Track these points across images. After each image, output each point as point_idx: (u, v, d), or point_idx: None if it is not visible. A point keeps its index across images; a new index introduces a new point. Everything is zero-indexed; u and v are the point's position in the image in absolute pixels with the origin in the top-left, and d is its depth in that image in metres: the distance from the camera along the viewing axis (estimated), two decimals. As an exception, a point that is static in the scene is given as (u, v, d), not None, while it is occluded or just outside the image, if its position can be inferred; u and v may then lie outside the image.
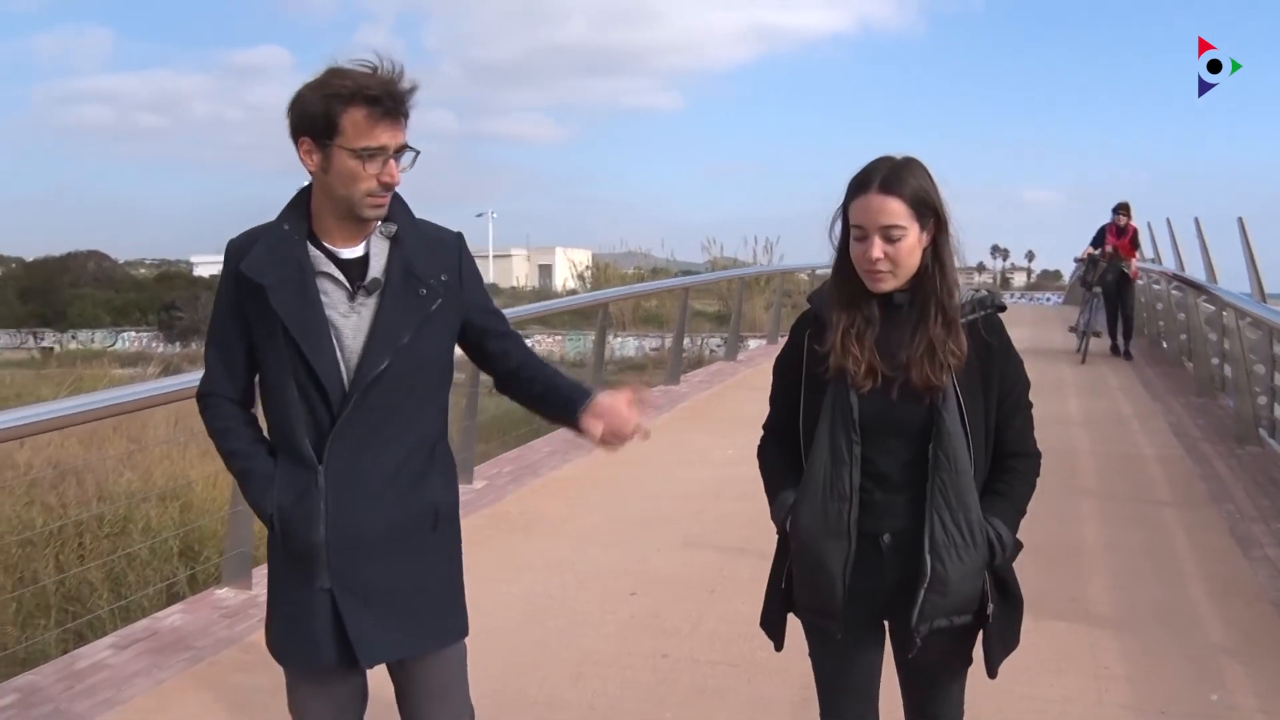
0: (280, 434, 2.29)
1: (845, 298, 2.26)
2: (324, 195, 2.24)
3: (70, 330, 43.52)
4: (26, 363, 35.18)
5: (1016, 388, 2.31)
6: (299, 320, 2.21)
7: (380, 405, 2.23)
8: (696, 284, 16.27)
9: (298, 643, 2.32)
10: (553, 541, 5.78)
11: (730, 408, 9.85)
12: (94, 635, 5.63)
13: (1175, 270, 13.06)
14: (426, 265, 2.28)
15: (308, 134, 2.19)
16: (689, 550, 5.54)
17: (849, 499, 2.23)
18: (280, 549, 2.31)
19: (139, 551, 8.47)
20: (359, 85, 2.15)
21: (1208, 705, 3.78)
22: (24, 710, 3.95)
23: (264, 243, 2.26)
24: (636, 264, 41.48)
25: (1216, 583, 5.01)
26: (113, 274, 52.16)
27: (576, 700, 3.87)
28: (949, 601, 2.23)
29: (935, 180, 2.23)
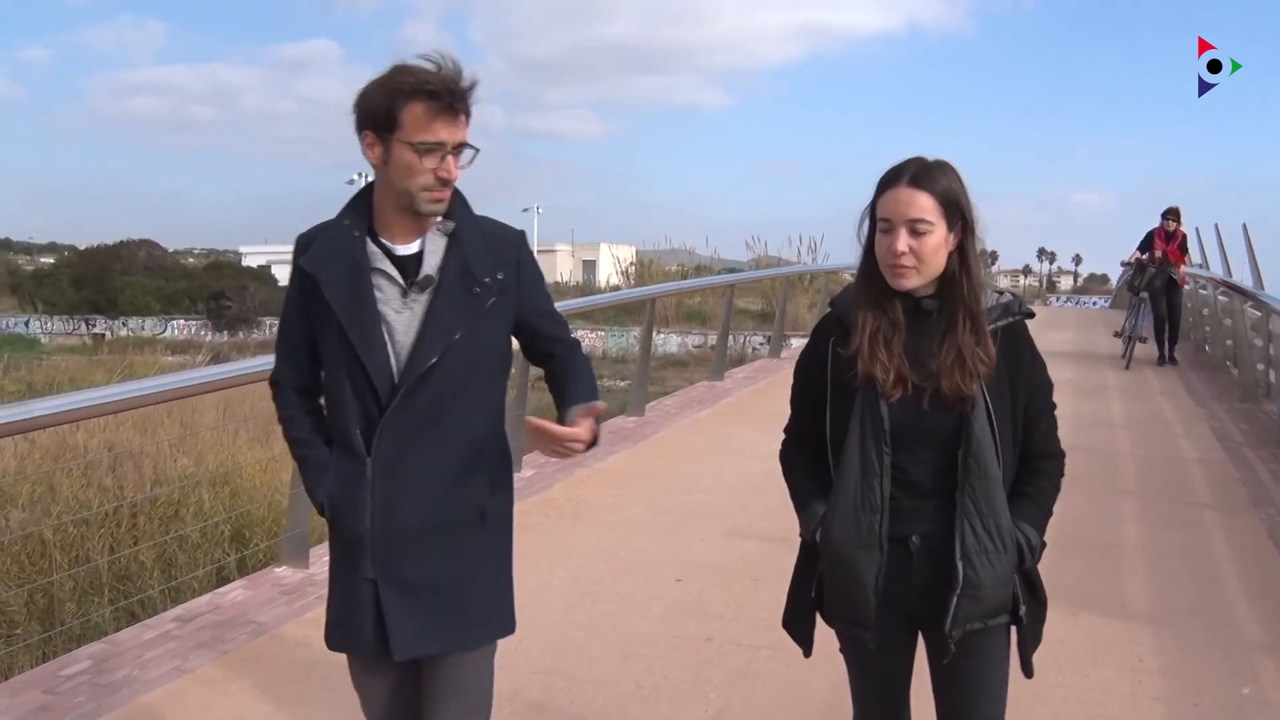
0: (335, 425, 2.35)
1: (871, 299, 2.25)
2: (385, 189, 2.29)
3: (121, 317, 44.12)
4: (79, 349, 35.76)
5: (1042, 391, 2.32)
6: (351, 314, 2.26)
7: (429, 400, 2.26)
8: (741, 281, 16.40)
9: (343, 627, 2.38)
10: (599, 529, 5.93)
11: (774, 404, 9.89)
12: (145, 614, 5.83)
13: (1222, 276, 13.03)
14: (483, 263, 2.31)
15: (371, 127, 2.25)
16: (733, 540, 5.68)
17: (880, 510, 2.23)
18: (333, 535, 2.40)
19: (190, 534, 8.71)
20: (420, 81, 2.21)
21: (1239, 699, 3.88)
22: (96, 676, 4.15)
23: (324, 238, 2.33)
24: (680, 261, 41.56)
25: (1254, 583, 5.09)
26: (163, 263, 52.84)
27: (624, 679, 4.02)
28: (981, 606, 2.24)
29: (965, 184, 2.23)
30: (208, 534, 8.93)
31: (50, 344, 39.50)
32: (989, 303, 2.25)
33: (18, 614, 7.97)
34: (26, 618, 7.77)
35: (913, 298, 2.24)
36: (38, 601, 8.18)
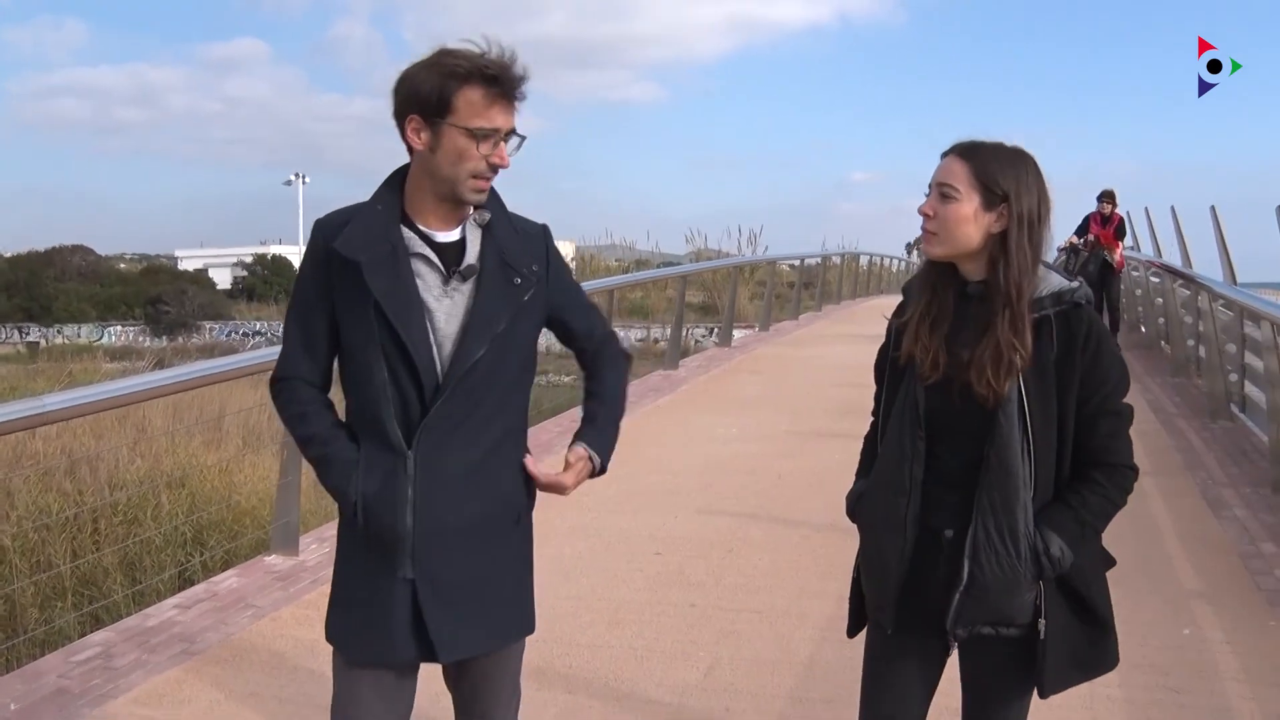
0: (365, 418, 2.24)
1: (930, 282, 2.24)
2: (426, 175, 2.21)
3: (56, 325, 43.45)
4: (12, 357, 35.09)
5: (1103, 389, 2.16)
6: (394, 300, 2.16)
7: (472, 394, 2.20)
8: (696, 271, 16.77)
9: (373, 634, 2.25)
10: (574, 510, 6.17)
11: (728, 390, 10.31)
12: (109, 619, 5.95)
13: (1153, 257, 13.53)
14: (520, 255, 2.26)
15: (418, 111, 2.16)
16: (705, 516, 5.97)
17: (907, 493, 2.20)
18: (358, 536, 2.26)
19: (152, 538, 8.82)
20: (476, 64, 2.14)
21: (1181, 638, 4.25)
22: (106, 661, 4.34)
23: (358, 221, 2.22)
24: (619, 256, 41.70)
25: (1190, 539, 5.49)
26: (97, 268, 52.12)
27: (617, 642, 4.30)
28: (986, 609, 2.17)
29: (1031, 176, 2.17)
30: (169, 537, 9.04)
31: (-19, 353, 38.74)
32: (1042, 291, 2.16)
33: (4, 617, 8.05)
34: None
35: (963, 282, 2.21)
36: None
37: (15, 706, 3.90)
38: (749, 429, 8.36)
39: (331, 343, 2.29)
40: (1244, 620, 4.42)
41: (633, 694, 3.85)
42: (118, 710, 3.86)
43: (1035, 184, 2.16)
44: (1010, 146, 2.19)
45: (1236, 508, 6.08)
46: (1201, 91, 8.66)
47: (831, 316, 18.92)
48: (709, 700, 3.79)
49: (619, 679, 3.97)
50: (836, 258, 22.55)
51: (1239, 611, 4.52)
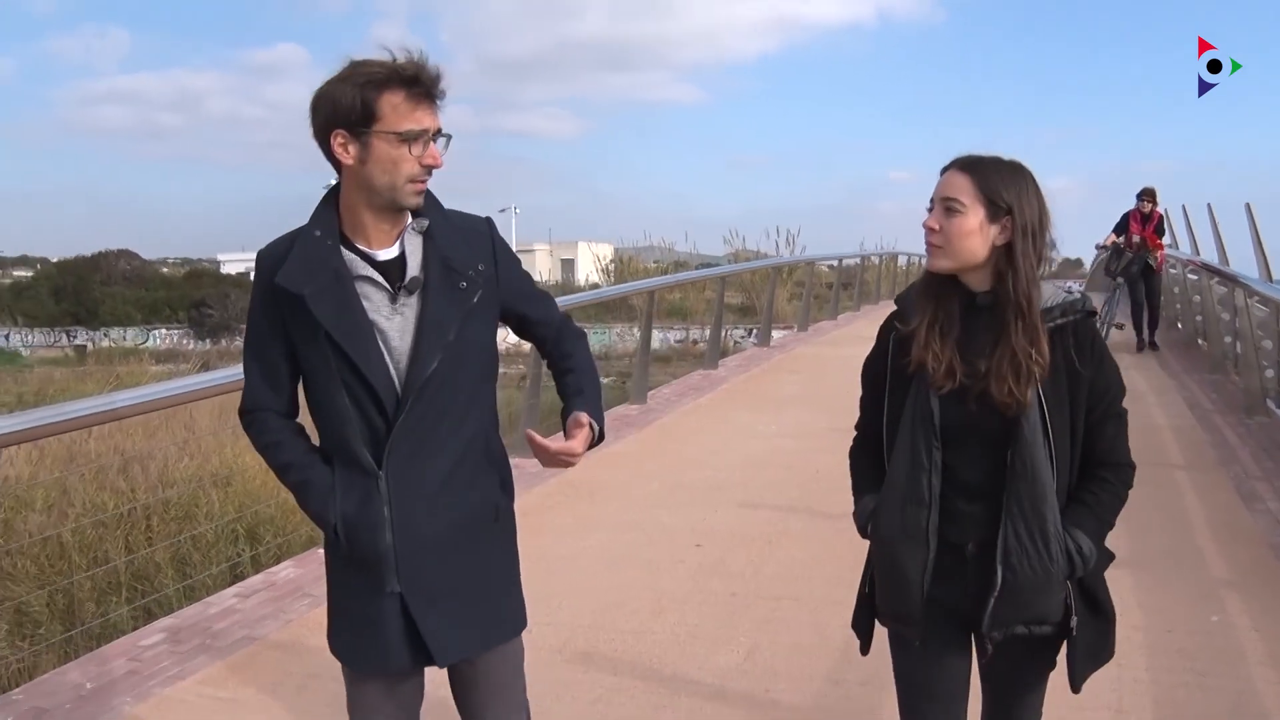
0: (334, 443, 2.25)
1: (932, 292, 2.26)
2: (359, 189, 2.18)
3: (102, 328, 44.02)
4: (60, 360, 35.64)
5: (1108, 395, 2.26)
6: (343, 327, 2.17)
7: (434, 405, 2.21)
8: (735, 273, 16.91)
9: (370, 648, 2.30)
10: (618, 505, 6.37)
11: (767, 389, 10.46)
12: (161, 612, 6.17)
13: (1191, 255, 13.54)
14: (463, 257, 2.25)
15: (343, 125, 2.14)
16: (744, 510, 6.13)
17: (928, 505, 2.22)
18: (342, 556, 2.29)
19: (205, 534, 9.09)
20: (393, 69, 2.12)
21: (1208, 624, 4.37)
22: (174, 644, 4.56)
23: (297, 251, 2.20)
24: (657, 258, 41.81)
25: (1221, 530, 5.59)
26: (142, 272, 52.84)
27: (662, 628, 4.47)
28: (1022, 611, 2.21)
29: (1031, 189, 2.22)
30: (221, 533, 9.32)
31: (31, 357, 39.30)
32: (1049, 302, 2.22)
33: (40, 614, 8.34)
34: (49, 618, 8.14)
35: (969, 293, 2.25)
36: (58, 602, 8.55)
37: (91, 686, 4.13)
38: (788, 426, 8.50)
39: (292, 370, 2.29)
40: (1272, 607, 4.53)
41: (676, 676, 4.02)
42: (186, 691, 4.08)
43: (1035, 196, 2.21)
44: (1009, 160, 2.24)
45: (1269, 500, 6.16)
46: (1201, 91, 8.64)
47: (870, 316, 18.96)
48: (749, 682, 3.95)
49: (663, 662, 4.14)
50: (875, 258, 22.61)
51: (1267, 599, 4.62)
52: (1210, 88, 8.80)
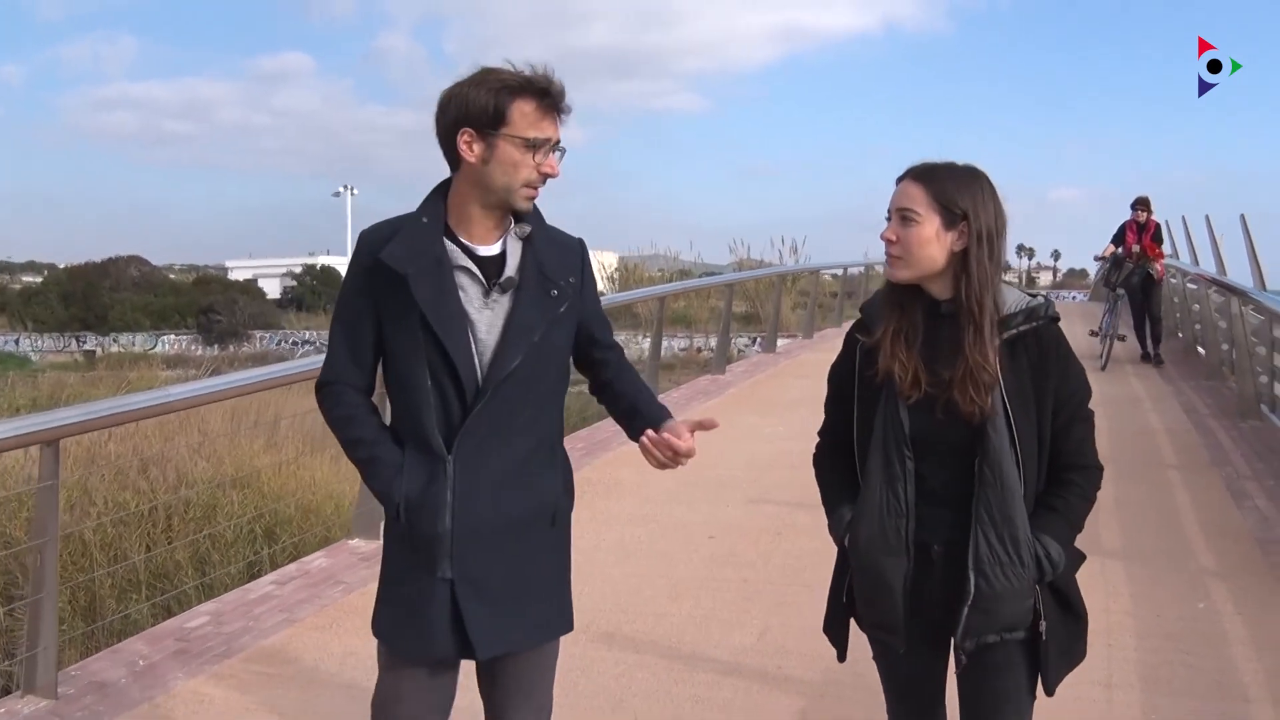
0: (408, 423, 2.31)
1: (895, 300, 2.29)
2: (475, 187, 2.28)
3: (111, 334, 44.22)
4: (70, 365, 35.82)
5: (1074, 399, 2.25)
6: (438, 311, 2.24)
7: (509, 400, 2.28)
8: (742, 280, 17.22)
9: (415, 631, 2.34)
10: (633, 501, 6.64)
11: (774, 393, 10.74)
12: (179, 609, 6.42)
13: (1189, 264, 13.79)
14: (557, 268, 2.35)
15: (472, 125, 2.23)
16: (754, 505, 6.40)
17: (905, 515, 2.25)
18: (401, 537, 2.35)
19: (224, 533, 9.36)
20: (527, 79, 2.24)
21: (1195, 611, 4.64)
22: (218, 627, 4.83)
23: (404, 234, 2.30)
24: (661, 266, 41.95)
25: (1211, 526, 5.86)
26: (151, 278, 53.14)
27: (679, 612, 4.75)
28: (995, 619, 2.22)
29: (986, 194, 2.24)
30: (241, 532, 9.59)
31: (41, 361, 39.47)
32: (1013, 307, 2.24)
33: (63, 611, 8.61)
34: (71, 615, 8.42)
35: (932, 301, 2.26)
36: (80, 599, 8.83)
37: (143, 663, 4.39)
38: (794, 428, 8.74)
39: (376, 349, 2.36)
40: (1255, 596, 4.81)
41: (694, 654, 4.29)
42: (233, 667, 4.34)
43: (991, 201, 2.23)
44: (963, 165, 2.26)
45: (1258, 498, 6.44)
46: (1201, 92, 8.73)
47: (874, 324, 19.23)
48: (763, 660, 4.22)
49: (680, 642, 4.42)
50: (880, 266, 22.85)
51: (1252, 589, 4.90)
52: (1210, 88, 8.91)
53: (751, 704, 3.85)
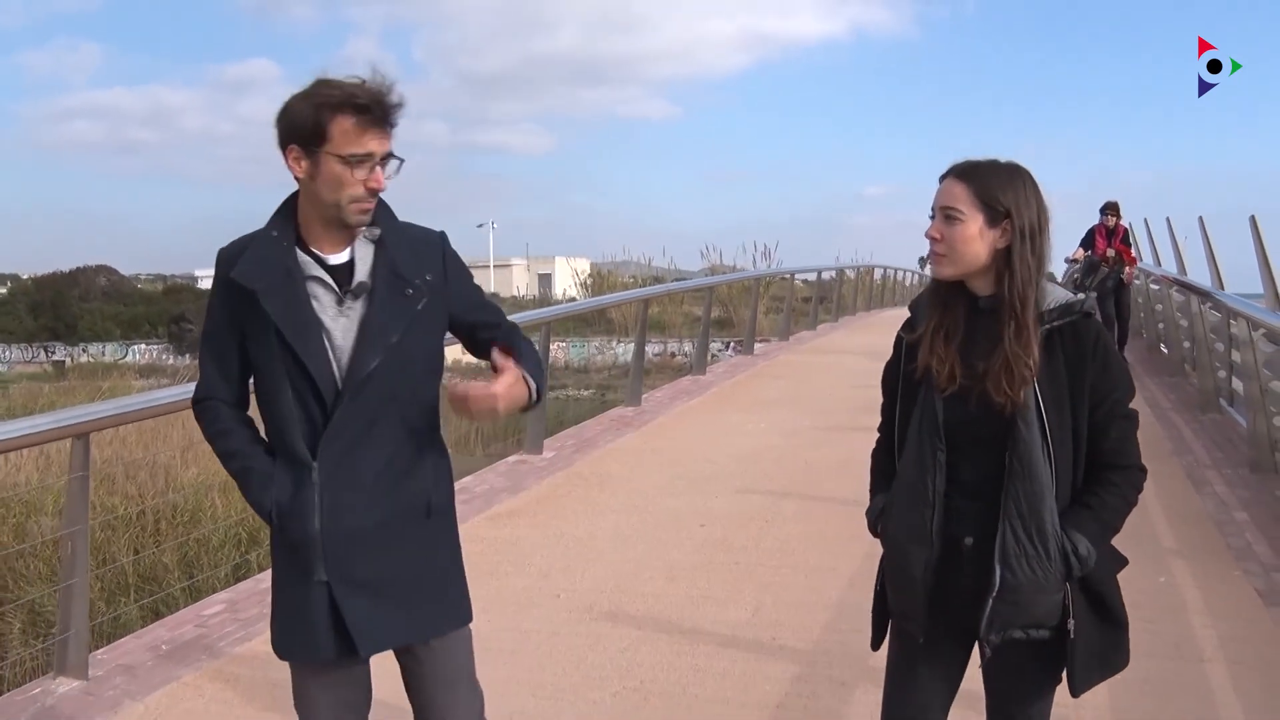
0: (275, 433, 2.35)
1: (940, 298, 2.30)
2: (311, 201, 2.30)
3: (81, 344, 43.94)
4: (40, 376, 35.54)
5: (1112, 396, 2.24)
6: (291, 323, 2.27)
7: (371, 403, 2.30)
8: (721, 283, 17.65)
9: (299, 637, 2.38)
10: (624, 493, 6.93)
11: (754, 392, 11.06)
12: (168, 611, 6.59)
13: (1152, 265, 14.21)
14: (411, 266, 2.35)
15: (296, 141, 2.25)
16: (741, 495, 6.70)
17: (932, 505, 2.25)
18: (280, 546, 2.40)
19: (210, 537, 9.56)
20: (348, 94, 2.22)
21: (1157, 584, 4.99)
22: (234, 613, 5.07)
23: (253, 250, 2.32)
24: (633, 272, 42.15)
25: (1173, 511, 6.21)
26: (120, 288, 52.84)
27: (676, 592, 5.04)
28: (1020, 612, 2.21)
29: (1029, 190, 2.24)
30: (227, 536, 9.79)
31: (10, 372, 39.13)
32: (1051, 303, 2.24)
33: (52, 614, 8.80)
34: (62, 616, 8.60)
35: (974, 297, 2.28)
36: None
37: (166, 647, 4.64)
38: (776, 425, 9.07)
39: (244, 365, 2.40)
40: (1212, 571, 5.16)
41: (693, 629, 4.58)
42: (255, 649, 4.58)
43: (1034, 197, 2.24)
44: (1005, 163, 2.27)
45: (1217, 485, 6.81)
46: (1201, 92, 8.77)
47: (848, 326, 19.62)
48: (757, 632, 4.52)
49: (680, 618, 4.71)
50: (851, 271, 23.26)
51: (1209, 565, 5.26)
52: (1210, 87, 8.92)
53: (749, 671, 4.13)
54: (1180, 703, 3.86)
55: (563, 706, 3.91)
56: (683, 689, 4.03)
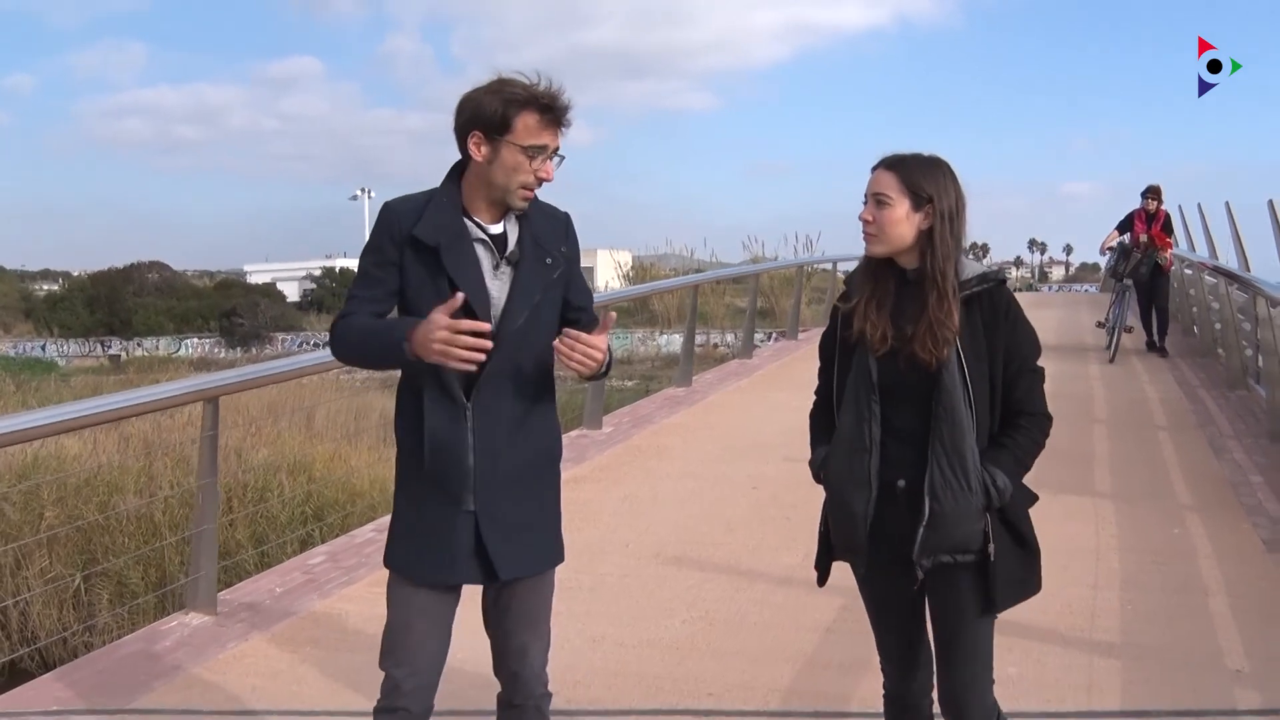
0: (432, 377, 2.54)
1: (871, 273, 2.61)
2: (481, 180, 2.55)
3: (135, 338, 44.62)
4: (96, 369, 36.34)
5: (1021, 353, 2.56)
6: (466, 279, 2.51)
7: (516, 354, 2.55)
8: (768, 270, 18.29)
9: (438, 560, 2.58)
10: (681, 462, 7.49)
11: (800, 374, 11.41)
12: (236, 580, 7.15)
13: (1186, 251, 14.55)
14: (549, 239, 2.63)
15: (481, 128, 2.50)
16: (789, 463, 7.19)
17: (869, 450, 2.55)
18: (419, 475, 2.59)
19: (277, 514, 10.22)
20: (533, 93, 2.49)
21: (1171, 536, 5.50)
22: (335, 563, 5.66)
23: (432, 211, 2.56)
24: (674, 264, 42.49)
25: (1191, 474, 6.71)
26: (173, 283, 53.74)
27: (734, 541, 5.62)
28: (946, 539, 2.50)
29: (948, 179, 2.56)
30: (294, 514, 10.43)
31: (68, 366, 39.87)
32: (969, 274, 2.54)
33: (137, 586, 9.50)
34: (144, 589, 9.29)
35: (901, 271, 2.58)
36: (151, 575, 9.69)
37: (280, 590, 5.23)
38: (820, 403, 9.55)
39: (392, 304, 2.62)
40: (1223, 524, 5.67)
41: (750, 570, 5.15)
42: (358, 591, 5.17)
43: (952, 185, 2.56)
44: (928, 156, 2.59)
45: (1236, 452, 7.30)
46: (1201, 92, 9.11)
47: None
48: (808, 573, 4.89)
49: (738, 562, 5.27)
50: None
51: (1220, 518, 5.77)
52: (1210, 88, 9.29)
53: (801, 602, 4.68)
54: (1184, 629, 4.37)
55: (638, 631, 4.49)
56: (743, 617, 4.60)
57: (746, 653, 4.27)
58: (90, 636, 8.71)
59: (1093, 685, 3.87)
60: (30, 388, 22.10)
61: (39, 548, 9.70)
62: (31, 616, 9.47)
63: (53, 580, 9.56)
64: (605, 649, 4.33)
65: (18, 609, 9.42)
